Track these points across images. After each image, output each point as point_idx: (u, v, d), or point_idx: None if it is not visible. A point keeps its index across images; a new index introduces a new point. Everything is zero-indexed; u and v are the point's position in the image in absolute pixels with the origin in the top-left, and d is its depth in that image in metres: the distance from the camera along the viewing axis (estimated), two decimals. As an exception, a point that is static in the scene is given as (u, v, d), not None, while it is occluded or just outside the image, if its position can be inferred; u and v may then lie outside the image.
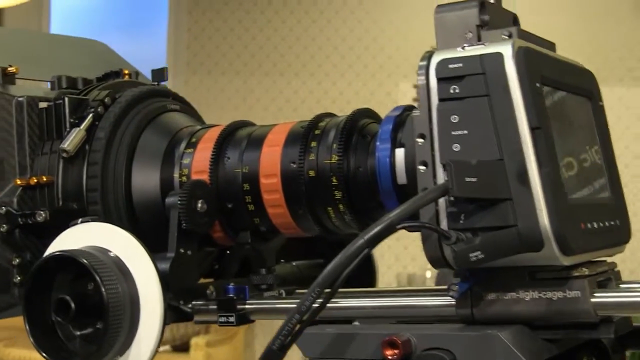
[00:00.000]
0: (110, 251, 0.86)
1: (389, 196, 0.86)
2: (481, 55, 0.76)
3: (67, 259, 0.84)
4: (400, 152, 0.85)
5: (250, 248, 0.96)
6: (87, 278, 0.84)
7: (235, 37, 4.82)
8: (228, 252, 1.03)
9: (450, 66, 0.77)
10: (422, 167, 0.78)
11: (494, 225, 0.74)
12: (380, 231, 0.72)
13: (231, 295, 0.92)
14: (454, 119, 0.76)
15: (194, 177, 0.95)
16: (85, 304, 0.84)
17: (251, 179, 0.92)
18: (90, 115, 0.96)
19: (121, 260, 0.85)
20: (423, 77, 0.78)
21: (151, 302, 0.84)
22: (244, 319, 0.92)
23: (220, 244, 0.98)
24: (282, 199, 0.91)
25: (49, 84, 1.04)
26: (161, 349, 0.84)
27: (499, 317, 0.80)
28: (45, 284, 0.86)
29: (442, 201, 0.77)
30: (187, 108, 1.04)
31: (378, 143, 0.86)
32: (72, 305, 0.84)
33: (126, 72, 1.05)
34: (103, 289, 0.82)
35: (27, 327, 0.85)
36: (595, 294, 0.76)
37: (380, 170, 0.86)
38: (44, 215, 0.94)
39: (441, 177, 0.77)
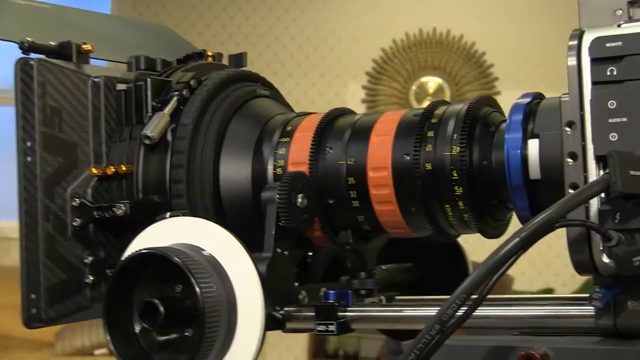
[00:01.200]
0: (204, 250, 0.76)
1: (519, 193, 0.76)
2: (646, 33, 0.66)
3: (156, 257, 0.74)
4: (534, 144, 0.75)
5: (350, 249, 0.86)
6: (176, 279, 0.75)
7: (182, 32, 4.63)
8: (311, 252, 0.93)
9: (608, 45, 0.67)
10: (570, 160, 0.68)
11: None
12: (537, 229, 0.62)
13: (331, 301, 0.82)
14: (611, 104, 0.66)
15: (291, 169, 0.85)
16: (174, 309, 0.74)
17: (357, 172, 0.83)
18: (175, 98, 0.86)
19: (217, 260, 0.76)
20: (574, 58, 0.68)
21: (250, 308, 0.75)
22: (344, 327, 0.82)
23: (317, 244, 0.88)
24: (393, 195, 0.81)
25: (125, 66, 0.94)
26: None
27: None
28: (127, 285, 0.77)
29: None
30: (276, 94, 0.95)
31: (508, 134, 0.76)
32: (162, 309, 0.74)
33: (210, 53, 0.95)
34: (198, 292, 0.72)
35: (108, 334, 0.75)
36: None
37: (510, 163, 0.76)
38: (124, 208, 0.84)
39: (593, 170, 0.68)
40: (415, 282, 0.99)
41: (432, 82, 3.89)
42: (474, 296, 0.64)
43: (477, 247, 1.12)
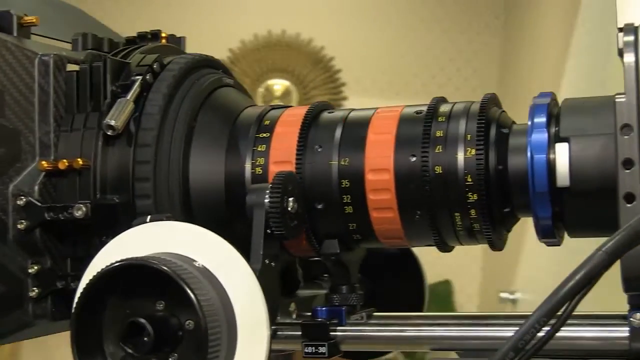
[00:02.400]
0: (195, 261, 0.65)
1: (542, 201, 0.69)
2: None
3: (140, 267, 0.62)
4: (562, 148, 0.68)
5: (335, 260, 0.77)
6: (157, 295, 0.64)
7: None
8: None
9: (673, 42, 0.61)
10: (628, 167, 0.62)
11: None
12: (625, 241, 0.55)
13: (322, 319, 0.73)
14: (676, 108, 0.60)
15: (274, 168, 0.75)
16: (160, 330, 0.63)
17: (352, 174, 0.74)
18: (138, 83, 0.74)
19: (212, 274, 0.65)
20: (631, 55, 0.62)
21: (252, 328, 0.64)
22: (334, 349, 0.73)
23: (295, 254, 0.78)
24: (394, 200, 0.73)
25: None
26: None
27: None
28: (97, 303, 0.65)
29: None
30: (238, 84, 0.84)
31: (531, 137, 0.69)
32: (150, 330, 0.62)
33: (164, 34, 0.84)
34: (199, 311, 0.61)
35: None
36: None
37: (535, 169, 0.69)
38: (84, 209, 0.72)
39: (652, 180, 0.61)
40: (368, 294, 0.91)
41: (279, 84, 3.80)
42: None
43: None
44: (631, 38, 0.63)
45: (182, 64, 0.77)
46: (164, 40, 0.83)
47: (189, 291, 0.61)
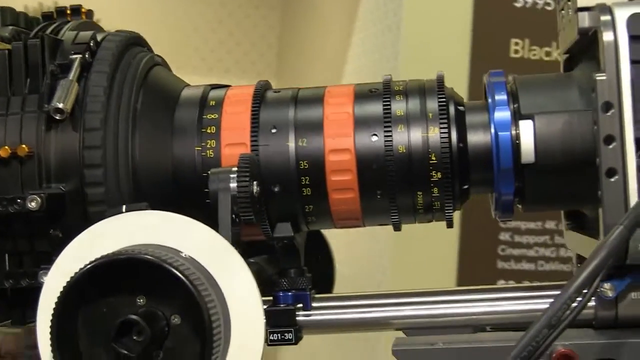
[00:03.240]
0: (180, 252, 0.62)
1: (506, 177, 0.70)
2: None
3: (129, 261, 0.58)
4: (527, 125, 0.70)
5: (286, 244, 0.75)
6: (136, 291, 0.60)
7: None
8: None
9: (648, 23, 0.63)
10: (609, 143, 0.64)
11: None
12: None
13: (285, 305, 0.71)
14: (657, 85, 0.63)
15: (227, 151, 0.72)
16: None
17: (312, 156, 0.72)
18: (78, 62, 0.69)
19: (202, 266, 0.61)
20: (610, 34, 0.64)
21: (245, 323, 0.61)
22: (298, 335, 0.72)
23: (248, 239, 0.75)
24: (355, 181, 0.72)
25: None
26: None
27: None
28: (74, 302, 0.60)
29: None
30: (165, 62, 0.80)
31: (494, 114, 0.71)
32: (147, 329, 0.58)
33: (84, 9, 0.78)
34: (203, 307, 0.58)
35: (58, 363, 0.58)
36: None
37: (500, 146, 0.70)
38: (39, 200, 0.65)
39: (631, 154, 0.64)
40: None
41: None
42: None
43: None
44: (608, 17, 0.65)
45: (117, 41, 0.72)
46: (84, 16, 0.78)
47: (186, 281, 0.58)
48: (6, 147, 0.66)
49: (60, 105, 0.66)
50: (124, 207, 0.63)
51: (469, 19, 2.10)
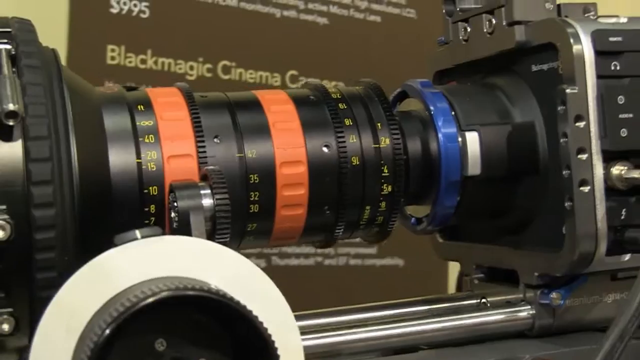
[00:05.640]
0: (209, 284, 0.52)
1: (452, 190, 0.69)
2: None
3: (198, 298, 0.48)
4: (473, 137, 0.69)
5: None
6: (154, 334, 0.50)
7: None
8: None
9: (611, 39, 0.66)
10: (581, 155, 0.65)
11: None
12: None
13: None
14: (620, 99, 0.66)
15: (171, 163, 0.62)
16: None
17: (262, 169, 0.64)
18: (5, 55, 0.55)
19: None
20: (580, 47, 0.65)
21: (286, 353, 0.53)
22: None
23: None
24: (306, 196, 0.66)
25: None
26: None
27: (578, 324, 0.71)
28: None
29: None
30: None
31: (440, 124, 0.69)
32: (205, 377, 0.48)
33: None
34: (267, 339, 0.49)
35: None
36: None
37: (448, 157, 0.69)
38: (8, 229, 0.51)
39: (599, 166, 0.66)
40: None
41: None
42: None
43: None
44: (573, 30, 0.66)
45: (28, 27, 0.59)
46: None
47: (251, 318, 0.49)
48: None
49: (12, 107, 0.52)
50: (137, 232, 0.51)
51: (65, 25, 2.01)
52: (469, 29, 0.75)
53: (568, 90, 0.65)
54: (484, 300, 0.75)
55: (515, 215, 0.71)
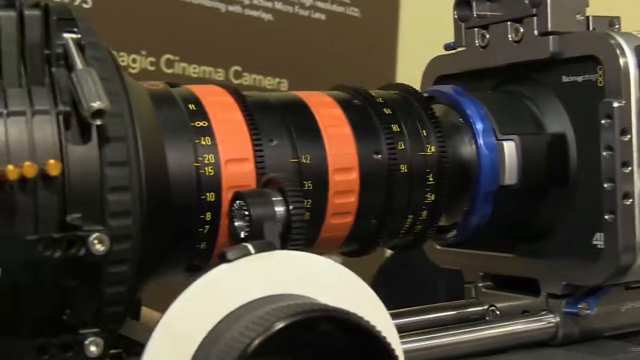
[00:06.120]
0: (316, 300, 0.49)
1: (487, 199, 0.68)
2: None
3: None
4: (510, 145, 0.69)
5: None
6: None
7: None
8: None
9: (653, 53, 0.67)
10: (625, 169, 0.66)
11: None
12: None
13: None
14: (666, 115, 0.67)
15: (228, 167, 0.58)
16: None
17: (316, 175, 0.62)
18: (73, 44, 0.51)
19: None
20: (625, 61, 0.66)
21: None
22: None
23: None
24: (355, 204, 0.63)
25: None
26: None
27: (597, 333, 0.72)
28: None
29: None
30: None
31: (479, 133, 0.68)
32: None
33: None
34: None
35: None
36: None
37: (486, 166, 0.68)
38: (107, 243, 0.46)
39: (638, 179, 0.66)
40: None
41: None
42: None
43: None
44: (617, 43, 0.66)
45: (82, 18, 0.54)
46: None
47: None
48: (31, 162, 0.46)
49: (102, 106, 0.47)
50: (250, 246, 0.47)
51: None
52: (487, 36, 0.74)
53: (615, 104, 0.65)
54: (492, 308, 0.75)
55: (537, 225, 0.71)
